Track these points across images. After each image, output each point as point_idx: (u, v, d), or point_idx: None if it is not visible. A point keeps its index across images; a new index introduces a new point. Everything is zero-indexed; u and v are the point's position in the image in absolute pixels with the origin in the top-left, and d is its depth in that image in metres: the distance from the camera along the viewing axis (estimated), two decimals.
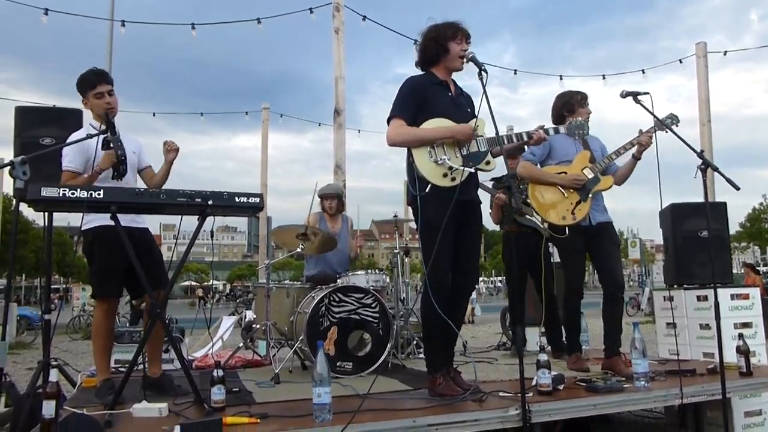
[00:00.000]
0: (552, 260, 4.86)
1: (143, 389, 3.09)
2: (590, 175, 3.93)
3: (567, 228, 3.88)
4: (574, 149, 4.00)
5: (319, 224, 5.12)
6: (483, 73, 2.86)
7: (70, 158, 3.25)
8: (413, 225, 3.53)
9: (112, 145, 3.11)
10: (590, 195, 3.90)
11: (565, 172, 3.94)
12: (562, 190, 3.90)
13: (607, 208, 4.07)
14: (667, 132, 3.63)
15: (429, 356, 3.11)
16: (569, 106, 4.06)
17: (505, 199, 4.33)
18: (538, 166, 4.03)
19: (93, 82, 3.32)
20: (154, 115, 12.08)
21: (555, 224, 3.89)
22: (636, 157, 3.93)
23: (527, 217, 4.72)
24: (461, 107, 3.20)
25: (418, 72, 3.26)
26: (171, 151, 3.41)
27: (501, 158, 2.98)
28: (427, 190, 2.97)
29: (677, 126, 3.68)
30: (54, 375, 2.67)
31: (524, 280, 4.85)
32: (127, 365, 3.38)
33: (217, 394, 2.75)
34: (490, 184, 4.91)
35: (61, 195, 2.67)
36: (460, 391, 2.92)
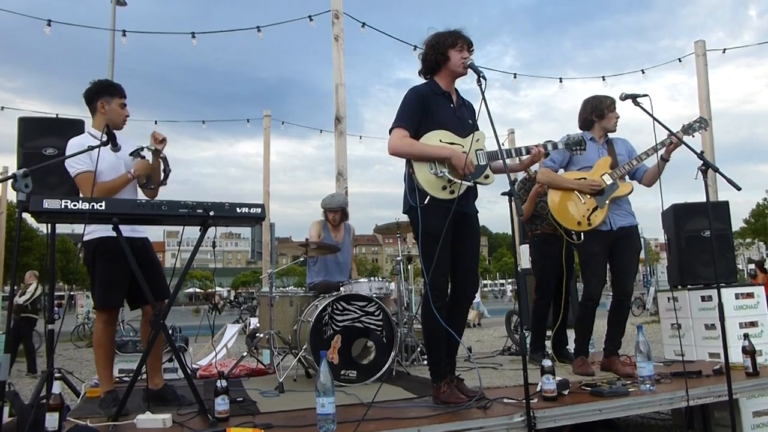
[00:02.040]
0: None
1: (145, 402, 3.10)
2: (609, 182, 3.90)
3: (583, 234, 3.86)
4: (597, 155, 3.96)
5: (323, 233, 5.13)
6: (482, 79, 2.86)
7: (80, 161, 3.18)
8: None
9: (154, 152, 3.22)
10: (607, 201, 3.87)
11: (585, 178, 3.92)
12: (579, 196, 3.89)
13: (633, 213, 4.01)
14: (693, 136, 3.61)
15: (432, 365, 3.10)
16: (599, 111, 4.01)
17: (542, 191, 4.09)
18: (561, 171, 4.02)
19: (122, 91, 3.42)
20: (156, 122, 12.05)
21: (570, 229, 3.88)
22: (665, 159, 3.85)
23: None
24: (462, 119, 3.20)
25: (421, 79, 3.27)
26: (158, 142, 3.34)
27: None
28: (426, 202, 2.98)
29: (706, 130, 3.62)
30: (57, 387, 2.69)
31: (558, 284, 4.60)
32: (131, 375, 3.38)
33: (221, 404, 2.75)
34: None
35: (63, 207, 2.68)
36: (465, 399, 2.92)
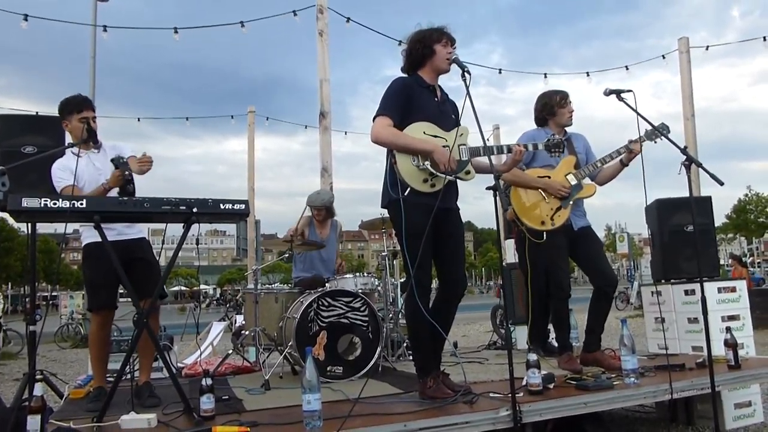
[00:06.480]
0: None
1: (130, 401, 3.07)
2: (573, 182, 3.93)
3: (545, 233, 3.86)
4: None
5: (308, 229, 5.12)
6: (466, 74, 2.86)
7: (60, 177, 3.29)
8: None
9: (120, 166, 3.14)
10: (571, 202, 3.91)
11: (549, 176, 3.93)
12: (544, 195, 3.90)
13: (586, 213, 4.08)
14: (655, 142, 3.65)
15: (418, 360, 3.10)
16: (549, 109, 4.05)
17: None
18: (523, 167, 4.01)
19: (80, 106, 3.41)
20: (138, 120, 11.94)
21: (533, 228, 3.87)
22: (624, 163, 3.94)
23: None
24: (445, 114, 3.19)
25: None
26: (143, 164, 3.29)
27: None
28: (405, 194, 2.96)
29: (666, 137, 3.67)
30: (39, 389, 2.65)
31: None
32: (114, 375, 3.35)
33: (207, 403, 2.73)
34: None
35: (42, 205, 2.64)
36: (451, 394, 2.92)
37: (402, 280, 5.45)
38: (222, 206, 2.90)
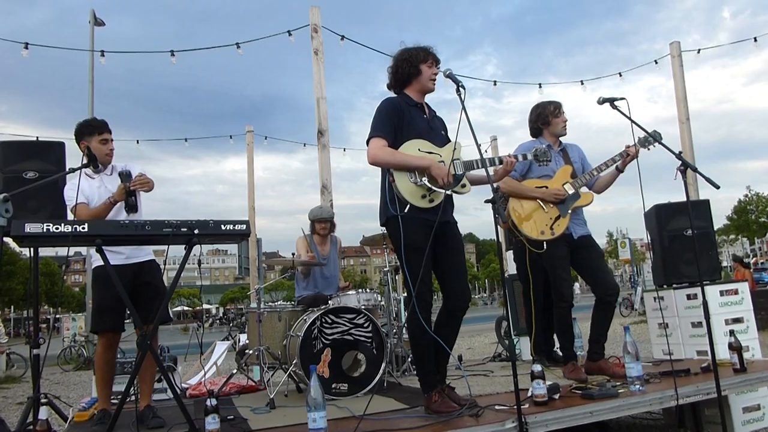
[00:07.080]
0: None
1: (135, 425, 3.07)
2: (570, 191, 3.97)
3: (545, 242, 3.88)
4: (554, 163, 4.00)
5: (310, 247, 5.12)
6: (461, 89, 2.89)
7: (70, 197, 3.39)
8: None
9: (124, 179, 3.32)
10: (569, 211, 3.94)
11: (546, 186, 3.97)
12: (542, 205, 3.93)
13: (586, 221, 4.10)
14: (649, 149, 3.69)
15: (422, 375, 3.08)
16: (543, 118, 4.11)
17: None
18: (518, 178, 4.04)
19: (101, 128, 3.53)
20: (138, 142, 12.01)
21: (533, 238, 3.89)
22: (619, 170, 3.98)
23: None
24: (436, 130, 3.24)
25: (390, 93, 3.29)
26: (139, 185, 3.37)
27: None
28: (406, 210, 2.98)
29: (658, 143, 3.70)
30: (44, 412, 2.66)
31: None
32: (119, 397, 3.35)
33: (212, 423, 2.72)
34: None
35: (45, 230, 2.66)
36: (457, 407, 2.91)
37: (405, 295, 5.45)
38: (223, 227, 2.91)
